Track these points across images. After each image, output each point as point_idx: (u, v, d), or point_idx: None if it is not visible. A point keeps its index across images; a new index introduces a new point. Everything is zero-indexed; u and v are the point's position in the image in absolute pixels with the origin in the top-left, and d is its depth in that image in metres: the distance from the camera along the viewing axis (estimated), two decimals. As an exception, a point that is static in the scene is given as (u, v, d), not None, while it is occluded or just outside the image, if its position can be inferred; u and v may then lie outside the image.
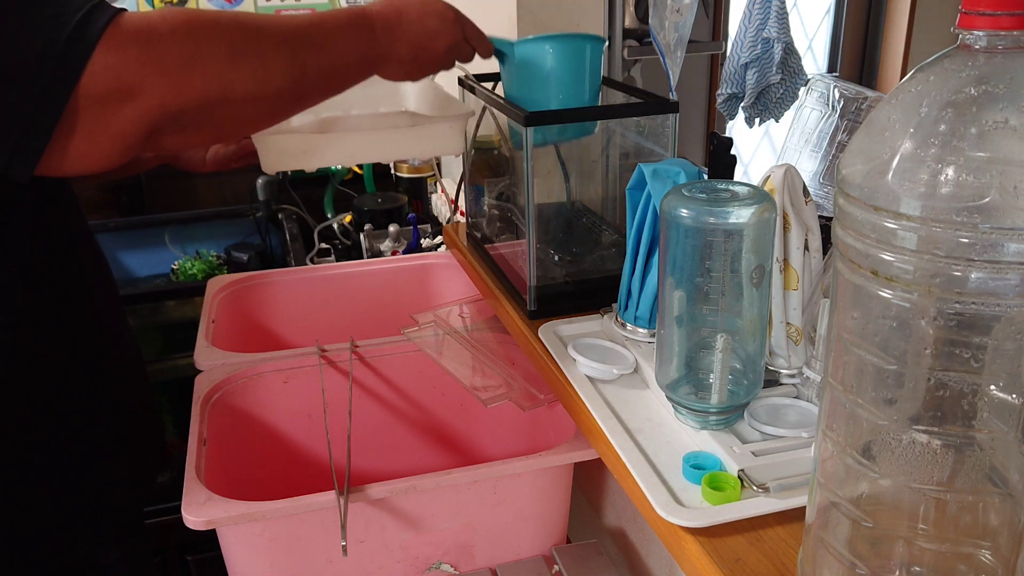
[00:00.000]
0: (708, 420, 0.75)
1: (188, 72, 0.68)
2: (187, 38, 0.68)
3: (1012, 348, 0.45)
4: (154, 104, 0.67)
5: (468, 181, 1.24)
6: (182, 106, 0.69)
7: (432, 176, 1.91)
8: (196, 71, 0.68)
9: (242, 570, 0.95)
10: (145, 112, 0.67)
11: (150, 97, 0.67)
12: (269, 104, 0.75)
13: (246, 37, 0.72)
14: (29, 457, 0.85)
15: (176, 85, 0.68)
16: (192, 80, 0.68)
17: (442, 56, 0.91)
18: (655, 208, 0.85)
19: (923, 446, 0.48)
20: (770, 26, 1.62)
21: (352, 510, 0.92)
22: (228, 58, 0.70)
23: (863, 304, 0.49)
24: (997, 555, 0.50)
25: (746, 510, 0.66)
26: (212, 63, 0.70)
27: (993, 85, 0.44)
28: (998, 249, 0.43)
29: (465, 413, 1.30)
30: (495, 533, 1.02)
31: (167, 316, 1.83)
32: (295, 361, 1.19)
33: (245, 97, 0.72)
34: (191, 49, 0.68)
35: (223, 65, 0.70)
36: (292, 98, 0.78)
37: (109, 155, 0.69)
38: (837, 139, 1.78)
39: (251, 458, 1.19)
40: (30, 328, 0.83)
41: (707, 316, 0.73)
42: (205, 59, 0.69)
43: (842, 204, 0.49)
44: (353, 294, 1.46)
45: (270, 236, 2.01)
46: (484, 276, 1.14)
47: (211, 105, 0.71)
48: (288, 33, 0.75)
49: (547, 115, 0.96)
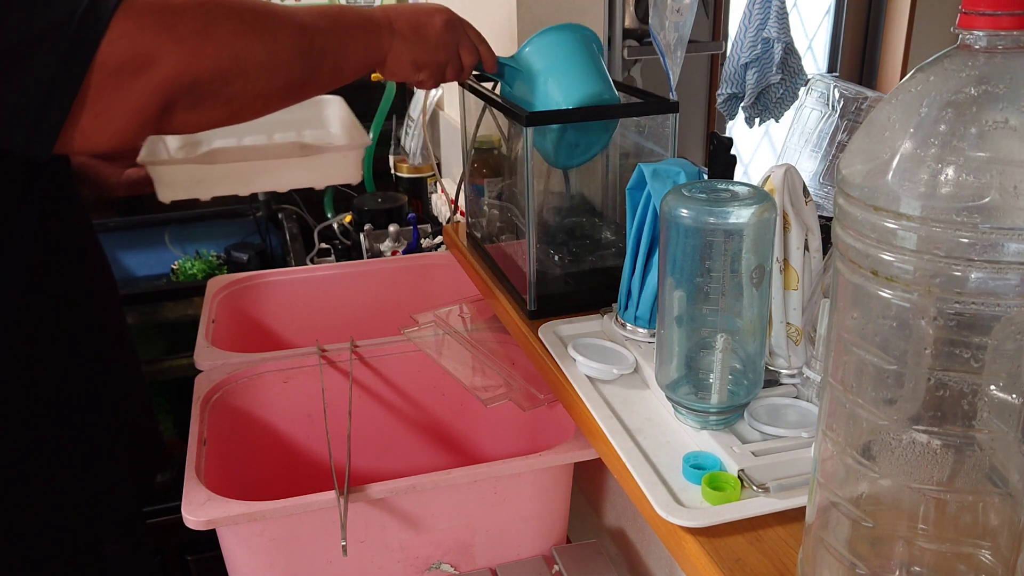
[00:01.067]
0: (708, 420, 0.75)
1: (202, 40, 0.69)
2: (200, 8, 0.70)
3: (1012, 348, 0.45)
4: (169, 73, 0.68)
5: (468, 181, 1.24)
6: (196, 76, 0.70)
7: (432, 176, 1.91)
8: (209, 39, 0.70)
9: (242, 570, 0.95)
10: (160, 82, 0.68)
11: (165, 66, 0.68)
12: (280, 78, 0.77)
13: (256, 11, 0.74)
14: (29, 451, 0.86)
15: (190, 53, 0.69)
16: (206, 48, 0.70)
17: (443, 61, 0.92)
18: (655, 208, 0.85)
19: (923, 446, 0.48)
20: (770, 26, 1.62)
21: (352, 510, 0.92)
22: (240, 29, 0.72)
23: (863, 304, 0.49)
24: (997, 555, 0.50)
25: (746, 510, 0.66)
26: (225, 32, 0.71)
27: (993, 85, 0.44)
28: (998, 249, 0.43)
29: (465, 413, 1.30)
30: (495, 533, 1.02)
31: (167, 316, 1.83)
32: (295, 361, 1.19)
33: (258, 68, 0.74)
34: (204, 18, 0.70)
35: (235, 35, 0.72)
36: (302, 76, 0.79)
37: (123, 131, 0.69)
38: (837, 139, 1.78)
39: (251, 458, 1.19)
40: (32, 324, 0.84)
41: (707, 316, 0.73)
42: (218, 28, 0.71)
43: (842, 204, 0.49)
44: (353, 294, 1.46)
45: (270, 236, 2.01)
46: (484, 276, 1.14)
47: (225, 76, 0.72)
48: (298, 13, 0.78)
49: (547, 115, 0.96)
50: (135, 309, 1.79)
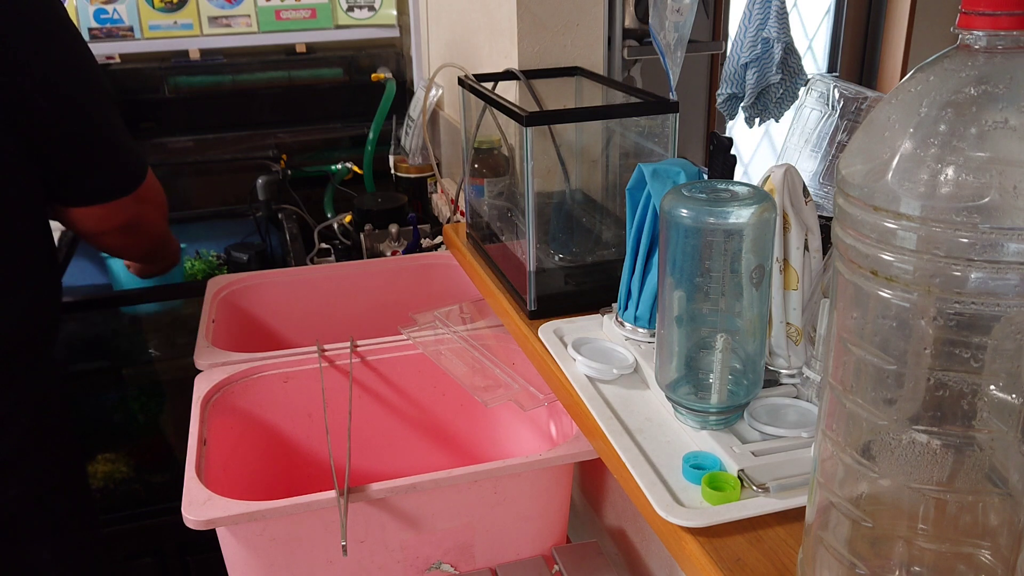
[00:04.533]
0: (708, 420, 0.75)
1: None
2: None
3: (1012, 348, 0.45)
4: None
5: (468, 181, 1.24)
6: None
7: (432, 176, 1.91)
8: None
9: (242, 570, 0.95)
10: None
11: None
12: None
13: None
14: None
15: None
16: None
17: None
18: (655, 208, 0.85)
19: (923, 446, 0.48)
20: (770, 26, 1.62)
21: (352, 510, 0.92)
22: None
23: (863, 304, 0.49)
24: (997, 555, 0.50)
25: (746, 510, 0.66)
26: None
27: (993, 85, 0.44)
28: (998, 249, 0.43)
29: (465, 413, 1.30)
30: (495, 533, 1.02)
31: (167, 316, 1.83)
32: (295, 361, 1.19)
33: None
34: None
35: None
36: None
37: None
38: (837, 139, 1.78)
39: (251, 458, 1.19)
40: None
41: (707, 316, 0.73)
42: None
43: (842, 204, 0.49)
44: (353, 294, 1.46)
45: (270, 236, 2.00)
46: (484, 276, 1.14)
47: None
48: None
49: (547, 115, 0.96)
50: (135, 309, 1.79)
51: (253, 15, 2.09)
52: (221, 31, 2.08)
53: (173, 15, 2.04)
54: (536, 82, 1.19)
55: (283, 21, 2.11)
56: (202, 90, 2.16)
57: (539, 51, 1.24)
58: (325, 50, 2.22)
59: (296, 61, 2.21)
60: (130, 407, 1.84)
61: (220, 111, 2.18)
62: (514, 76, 1.19)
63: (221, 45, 2.10)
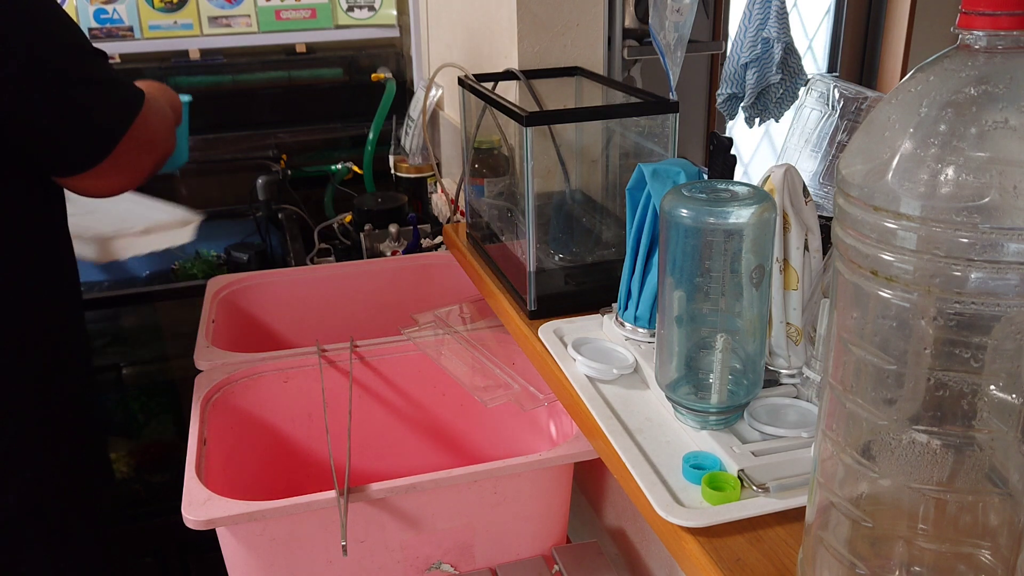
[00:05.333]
0: (708, 420, 0.75)
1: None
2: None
3: (1012, 348, 0.45)
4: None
5: (468, 181, 1.24)
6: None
7: (432, 176, 1.91)
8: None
9: (242, 570, 0.95)
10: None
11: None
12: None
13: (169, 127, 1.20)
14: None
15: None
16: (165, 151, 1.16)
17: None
18: (655, 208, 0.85)
19: (923, 446, 0.48)
20: (770, 26, 1.62)
21: (352, 510, 0.92)
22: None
23: (863, 304, 0.49)
24: (997, 555, 0.50)
25: (746, 510, 0.66)
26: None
27: (993, 85, 0.44)
28: (998, 249, 0.43)
29: (465, 413, 1.30)
30: (495, 533, 1.02)
31: (167, 316, 1.83)
32: (295, 361, 1.19)
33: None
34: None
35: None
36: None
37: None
38: (837, 139, 1.78)
39: (251, 458, 1.19)
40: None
41: (707, 316, 0.73)
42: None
43: (842, 204, 0.49)
44: (353, 294, 1.46)
45: (270, 236, 2.00)
46: (484, 276, 1.14)
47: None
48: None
49: (547, 115, 0.96)
50: (135, 309, 1.79)
51: (253, 15, 2.09)
52: (221, 31, 2.08)
53: (173, 15, 2.04)
54: (536, 82, 1.19)
55: (283, 21, 2.11)
56: (202, 90, 2.16)
57: (539, 51, 1.24)
58: (325, 50, 2.23)
59: (296, 61, 2.21)
60: (130, 407, 1.84)
61: (220, 111, 2.18)
62: (514, 76, 1.19)
63: (221, 45, 2.10)
